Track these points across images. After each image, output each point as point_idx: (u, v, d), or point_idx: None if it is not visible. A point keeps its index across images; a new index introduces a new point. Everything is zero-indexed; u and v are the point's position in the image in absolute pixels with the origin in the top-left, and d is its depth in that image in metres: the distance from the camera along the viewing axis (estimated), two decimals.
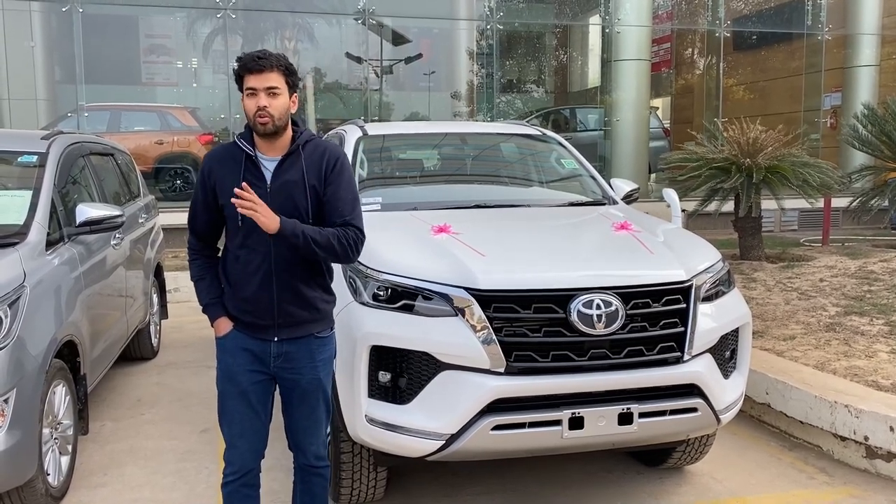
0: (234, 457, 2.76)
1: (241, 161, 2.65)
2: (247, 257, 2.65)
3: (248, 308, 2.69)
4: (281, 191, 2.63)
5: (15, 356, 3.27)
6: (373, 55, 14.59)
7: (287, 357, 2.72)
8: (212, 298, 2.77)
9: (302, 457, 2.86)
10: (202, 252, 2.82)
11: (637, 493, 3.78)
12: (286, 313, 2.68)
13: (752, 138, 8.43)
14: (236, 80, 2.64)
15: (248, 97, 2.58)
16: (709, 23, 15.77)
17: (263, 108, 2.56)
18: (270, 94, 2.57)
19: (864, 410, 3.97)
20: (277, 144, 2.66)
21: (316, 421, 2.82)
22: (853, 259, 8.31)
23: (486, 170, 5.11)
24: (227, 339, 2.74)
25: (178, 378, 5.65)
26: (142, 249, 5.85)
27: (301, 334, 2.72)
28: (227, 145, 2.75)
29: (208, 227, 2.77)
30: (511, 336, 3.03)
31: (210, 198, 2.69)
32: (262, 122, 2.57)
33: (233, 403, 2.73)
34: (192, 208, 2.78)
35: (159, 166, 12.37)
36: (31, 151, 4.37)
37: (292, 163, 2.67)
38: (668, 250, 3.50)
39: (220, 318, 2.75)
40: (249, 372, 2.71)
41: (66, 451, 3.82)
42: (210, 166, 2.71)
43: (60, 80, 13.13)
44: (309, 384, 2.75)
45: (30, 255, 3.71)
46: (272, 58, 2.59)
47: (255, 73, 2.56)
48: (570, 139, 5.46)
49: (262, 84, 2.56)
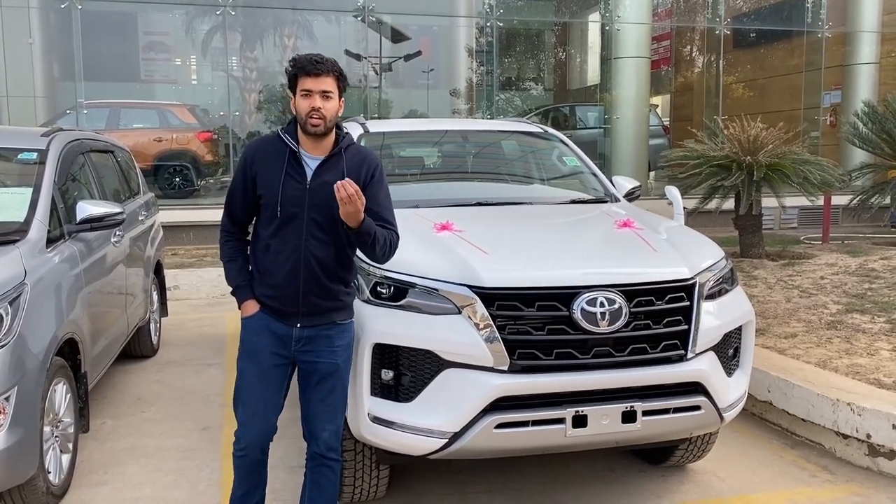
0: (243, 435, 2.86)
1: (285, 155, 2.75)
2: (278, 247, 2.76)
3: (274, 294, 2.79)
4: (319, 189, 2.72)
5: (16, 354, 3.25)
6: (372, 52, 14.57)
7: (308, 341, 2.82)
8: (242, 280, 2.87)
9: (314, 444, 2.92)
10: (235, 235, 2.92)
11: (640, 492, 3.77)
12: (310, 303, 2.79)
13: (753, 136, 8.42)
14: (290, 80, 2.74)
15: (302, 98, 2.69)
16: (708, 20, 15.76)
17: (318, 109, 2.67)
18: (324, 97, 2.68)
19: (867, 408, 3.97)
20: (322, 145, 2.77)
21: (331, 407, 2.88)
22: (854, 257, 8.31)
23: (488, 167, 5.10)
24: (253, 319, 2.84)
25: (179, 376, 5.64)
26: (142, 247, 5.84)
27: (322, 322, 2.82)
28: (271, 137, 2.85)
29: (244, 213, 2.88)
30: (514, 334, 3.02)
31: (249, 185, 2.79)
32: (314, 123, 2.69)
33: (251, 382, 2.82)
34: (230, 192, 2.88)
35: (159, 163, 12.35)
36: (32, 148, 4.35)
37: (334, 164, 2.77)
38: (672, 248, 3.49)
39: (249, 301, 2.84)
40: (271, 354, 2.82)
41: (67, 449, 3.81)
42: (253, 155, 2.81)
43: (59, 77, 13.10)
44: (326, 367, 2.84)
45: (30, 253, 3.69)
46: (328, 62, 2.70)
47: (311, 76, 2.67)
48: (569, 137, 5.44)
49: (318, 87, 2.67)
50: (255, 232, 2.87)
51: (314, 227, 2.74)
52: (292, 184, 2.72)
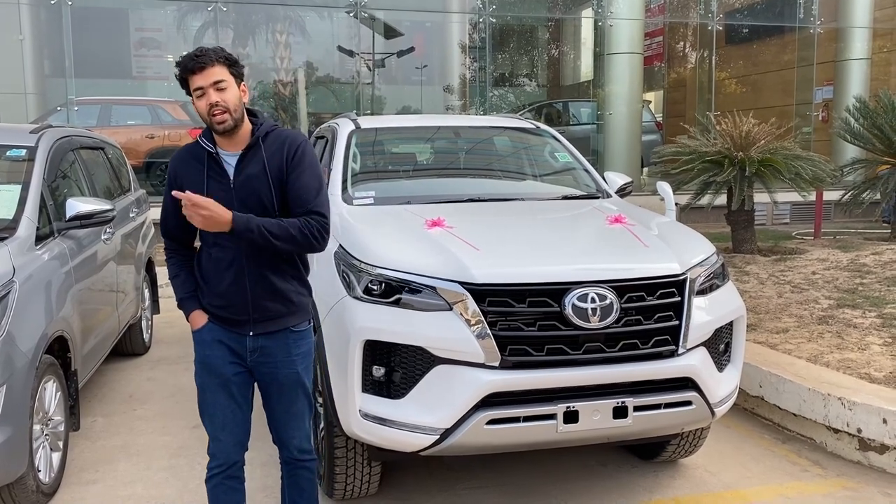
0: (217, 450, 2.75)
1: (204, 160, 2.62)
2: (219, 254, 2.63)
3: (222, 304, 2.67)
4: (244, 185, 2.60)
5: (4, 352, 3.24)
6: (365, 49, 14.53)
7: (263, 351, 2.70)
8: (186, 293, 2.74)
9: (286, 451, 2.85)
10: (177, 251, 2.79)
11: (632, 487, 3.78)
12: (261, 308, 2.65)
13: (745, 132, 8.44)
14: (181, 84, 2.57)
15: (197, 99, 2.54)
16: (701, 16, 15.78)
17: (216, 103, 2.52)
18: (218, 88, 2.53)
19: (858, 403, 3.98)
20: (237, 139, 2.62)
21: (296, 415, 2.79)
22: (845, 252, 8.34)
23: (479, 163, 5.09)
24: (204, 332, 2.71)
25: (170, 373, 5.62)
26: (133, 244, 5.81)
27: (276, 328, 2.70)
28: (190, 145, 2.70)
29: (179, 229, 2.72)
30: (505, 330, 3.02)
31: (178, 200, 2.60)
32: (218, 119, 2.53)
33: (213, 396, 2.71)
34: (162, 210, 2.74)
35: (150, 160, 12.30)
36: (20, 145, 4.33)
37: (253, 156, 2.63)
38: (663, 243, 3.50)
39: (196, 312, 2.72)
40: (229, 363, 2.69)
41: (58, 447, 3.80)
42: (175, 168, 2.67)
43: (50, 74, 13.01)
44: (286, 378, 2.73)
45: (19, 251, 3.67)
46: (210, 52, 2.54)
47: (197, 73, 2.52)
48: (562, 133, 5.44)
49: (208, 81, 2.52)
50: (200, 244, 2.74)
51: None
52: (216, 186, 2.58)
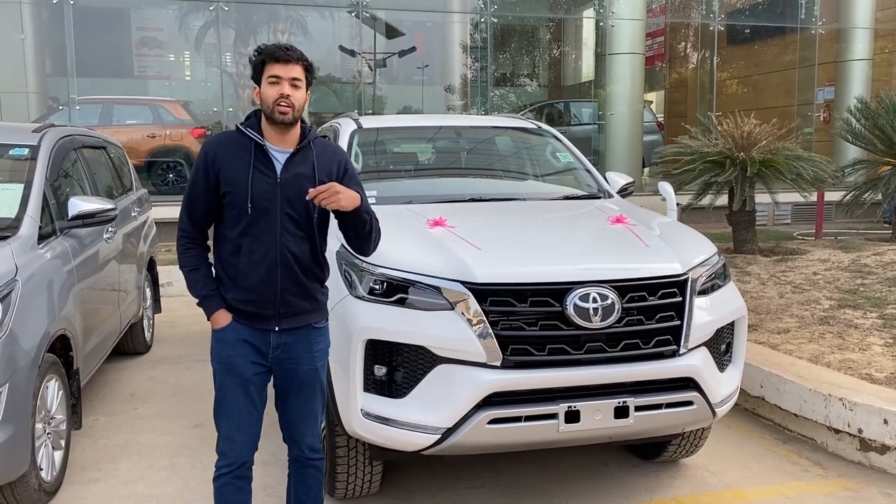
0: (229, 449, 2.74)
1: (251, 149, 2.63)
2: (250, 246, 2.62)
3: (250, 298, 2.66)
4: (291, 182, 2.63)
5: (7, 351, 3.24)
6: (366, 48, 14.53)
7: (286, 347, 2.71)
8: (210, 290, 2.71)
9: (297, 448, 2.85)
10: (197, 241, 2.75)
11: (633, 487, 3.78)
12: (288, 304, 2.67)
13: (746, 132, 8.44)
14: (256, 68, 2.62)
15: (269, 85, 2.58)
16: (703, 16, 15.78)
17: (287, 96, 2.57)
18: (293, 85, 2.59)
19: (858, 403, 3.98)
20: (288, 137, 2.66)
21: (312, 412, 2.82)
22: (846, 252, 8.34)
23: (481, 163, 5.10)
24: (227, 331, 2.70)
25: (172, 372, 5.63)
26: (135, 243, 5.82)
27: (300, 325, 2.72)
28: (230, 133, 2.71)
29: (206, 216, 2.71)
30: (507, 330, 3.02)
31: (212, 182, 2.64)
32: (283, 110, 2.57)
33: (233, 396, 2.71)
34: (189, 194, 2.70)
35: (152, 160, 12.31)
36: (23, 144, 4.33)
37: (304, 156, 2.67)
38: (664, 243, 3.50)
39: (220, 311, 2.70)
40: (250, 363, 2.70)
41: (60, 445, 3.80)
42: (215, 151, 2.66)
43: (51, 73, 13.02)
44: (306, 374, 2.75)
45: (21, 249, 3.68)
46: (298, 51, 2.62)
47: (280, 63, 2.58)
48: (563, 133, 5.44)
49: (288, 74, 2.58)
50: (218, 236, 2.71)
51: (289, 223, 2.62)
52: (261, 178, 2.59)
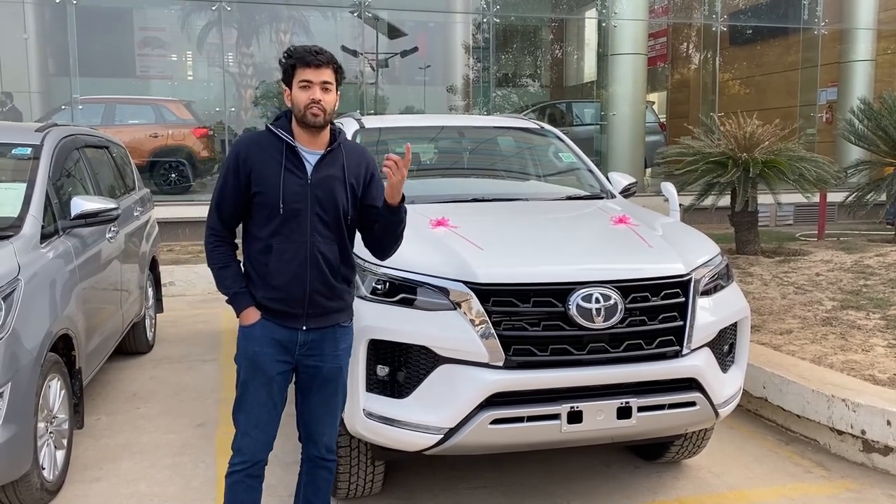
0: (246, 446, 2.74)
1: (282, 150, 2.66)
2: (281, 246, 2.65)
3: (280, 297, 2.67)
4: (321, 184, 2.66)
5: (9, 350, 3.24)
6: (368, 49, 14.55)
7: (312, 345, 2.74)
8: (241, 287, 2.72)
9: (313, 447, 2.86)
10: (225, 239, 2.76)
11: (635, 487, 3.78)
12: (316, 304, 2.69)
13: (749, 133, 8.42)
14: (286, 71, 2.65)
15: (300, 89, 2.61)
16: (705, 17, 15.77)
17: (318, 101, 2.60)
18: (324, 88, 2.62)
19: (861, 404, 3.97)
20: (319, 139, 2.69)
21: (332, 410, 2.84)
22: (849, 253, 8.32)
23: (484, 163, 5.10)
24: (255, 328, 2.71)
25: (174, 372, 5.63)
26: (137, 243, 5.82)
27: (327, 324, 2.74)
28: (261, 133, 2.74)
29: (234, 215, 2.74)
30: (510, 330, 3.02)
31: (243, 182, 2.66)
32: (314, 114, 2.61)
33: (255, 393, 2.72)
34: (219, 193, 2.72)
35: (154, 159, 12.33)
36: (26, 144, 4.33)
37: (334, 158, 2.71)
38: (667, 244, 3.49)
39: (250, 308, 2.71)
40: (276, 362, 2.71)
41: (62, 445, 3.80)
42: (247, 151, 2.68)
43: (54, 73, 13.06)
44: (330, 372, 2.77)
45: (24, 249, 3.68)
46: (328, 54, 2.64)
47: (311, 67, 2.60)
48: (566, 133, 5.44)
49: (318, 78, 2.60)
50: (248, 234, 2.74)
51: (319, 224, 2.65)
52: (293, 179, 2.63)
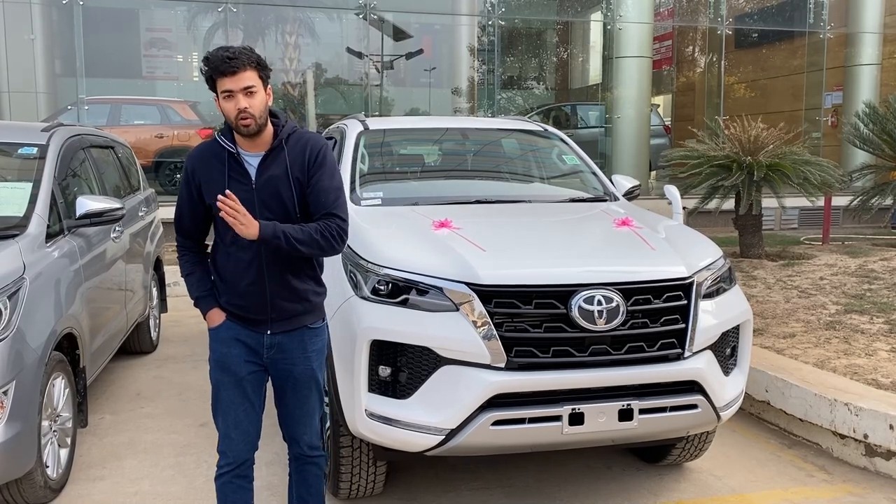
0: (228, 447, 2.75)
1: (225, 159, 2.62)
2: (238, 254, 2.64)
3: (241, 303, 2.68)
4: (266, 186, 2.61)
5: (14, 348, 3.26)
6: (374, 50, 14.57)
7: (280, 348, 2.72)
8: (203, 291, 2.74)
9: (296, 446, 2.87)
10: (191, 248, 2.79)
11: (637, 490, 3.78)
12: (279, 308, 2.68)
13: (754, 136, 8.42)
14: (207, 82, 2.54)
15: (224, 100, 2.51)
16: (710, 20, 15.76)
17: (244, 109, 2.50)
18: (248, 93, 2.50)
19: (864, 408, 3.97)
20: (259, 141, 2.62)
21: (308, 411, 2.82)
22: (853, 257, 8.31)
23: (487, 165, 5.10)
24: (221, 330, 2.72)
25: (178, 372, 5.65)
26: (141, 243, 5.84)
27: (294, 327, 2.72)
28: (209, 143, 2.70)
29: (195, 227, 2.75)
30: (512, 331, 3.03)
31: (195, 196, 2.67)
32: (245, 124, 2.52)
33: (228, 394, 2.72)
34: (178, 209, 2.74)
35: (159, 160, 12.37)
36: (32, 143, 4.36)
37: (276, 157, 2.64)
38: (670, 247, 3.50)
39: (213, 310, 2.73)
40: (245, 362, 2.71)
41: (65, 443, 3.82)
42: (193, 166, 2.67)
43: (61, 74, 13.10)
44: (301, 374, 2.75)
45: (29, 248, 3.70)
46: (243, 56, 2.48)
47: (228, 76, 2.47)
48: (570, 136, 5.45)
49: (238, 85, 2.49)
50: (214, 241, 2.73)
51: None
52: (238, 187, 2.57)
